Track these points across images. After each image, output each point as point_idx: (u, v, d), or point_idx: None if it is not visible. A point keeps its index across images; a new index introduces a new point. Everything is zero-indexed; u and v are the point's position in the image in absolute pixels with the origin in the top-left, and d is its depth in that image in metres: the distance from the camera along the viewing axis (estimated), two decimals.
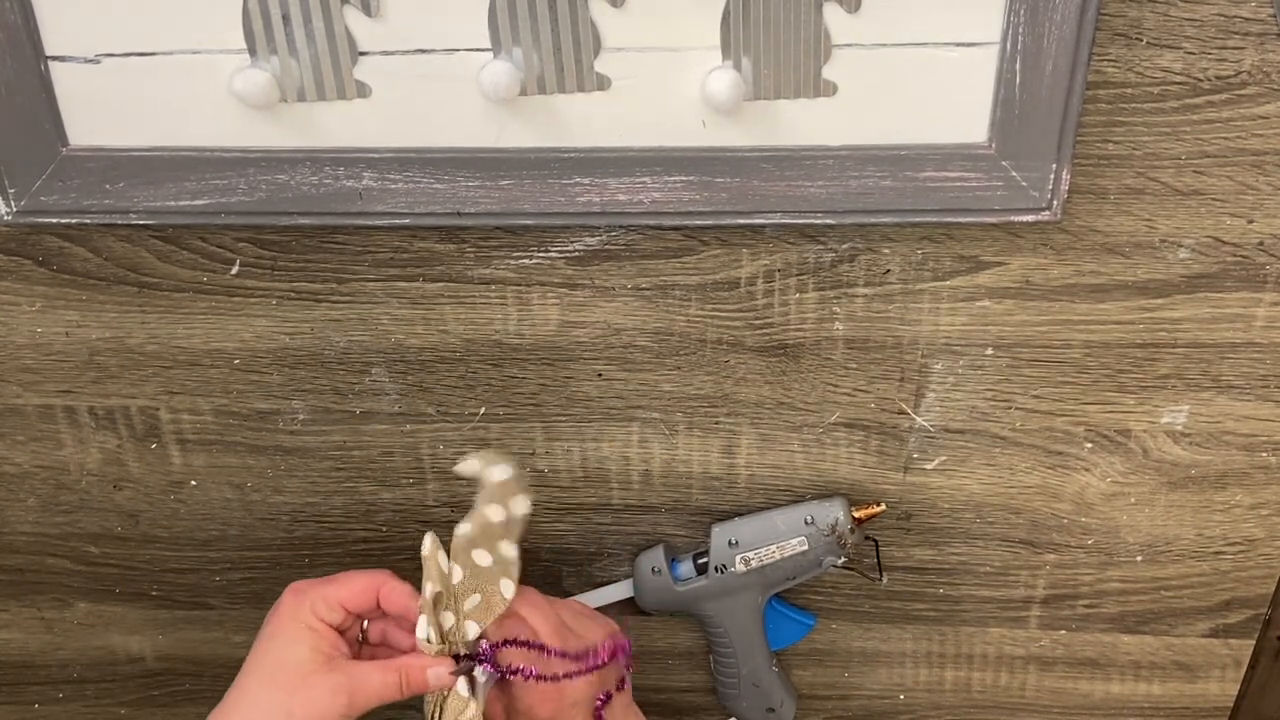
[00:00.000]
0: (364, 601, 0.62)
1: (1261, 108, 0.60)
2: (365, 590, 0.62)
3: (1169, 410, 0.70)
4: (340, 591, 0.61)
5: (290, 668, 0.59)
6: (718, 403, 0.72)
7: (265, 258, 0.68)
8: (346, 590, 0.61)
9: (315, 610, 0.61)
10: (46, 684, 0.87)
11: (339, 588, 0.61)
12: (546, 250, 0.67)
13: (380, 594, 0.62)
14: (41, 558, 0.81)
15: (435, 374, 0.72)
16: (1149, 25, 0.58)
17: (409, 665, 0.60)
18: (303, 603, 0.61)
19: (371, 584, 0.62)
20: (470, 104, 0.60)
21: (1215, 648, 0.79)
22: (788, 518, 0.72)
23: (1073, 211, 0.64)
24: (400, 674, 0.60)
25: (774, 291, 0.68)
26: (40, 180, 0.63)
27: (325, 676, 0.59)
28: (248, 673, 0.60)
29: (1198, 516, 0.74)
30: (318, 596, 0.61)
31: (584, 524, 0.77)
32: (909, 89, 0.59)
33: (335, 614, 0.61)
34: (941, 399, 0.71)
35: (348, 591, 0.61)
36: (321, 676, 0.59)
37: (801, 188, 0.62)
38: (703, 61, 0.59)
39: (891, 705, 0.84)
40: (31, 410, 0.74)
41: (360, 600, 0.62)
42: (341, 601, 0.61)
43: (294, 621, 0.60)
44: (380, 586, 0.62)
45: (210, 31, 0.59)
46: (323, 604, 0.61)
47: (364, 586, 0.62)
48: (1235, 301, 0.66)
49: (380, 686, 0.60)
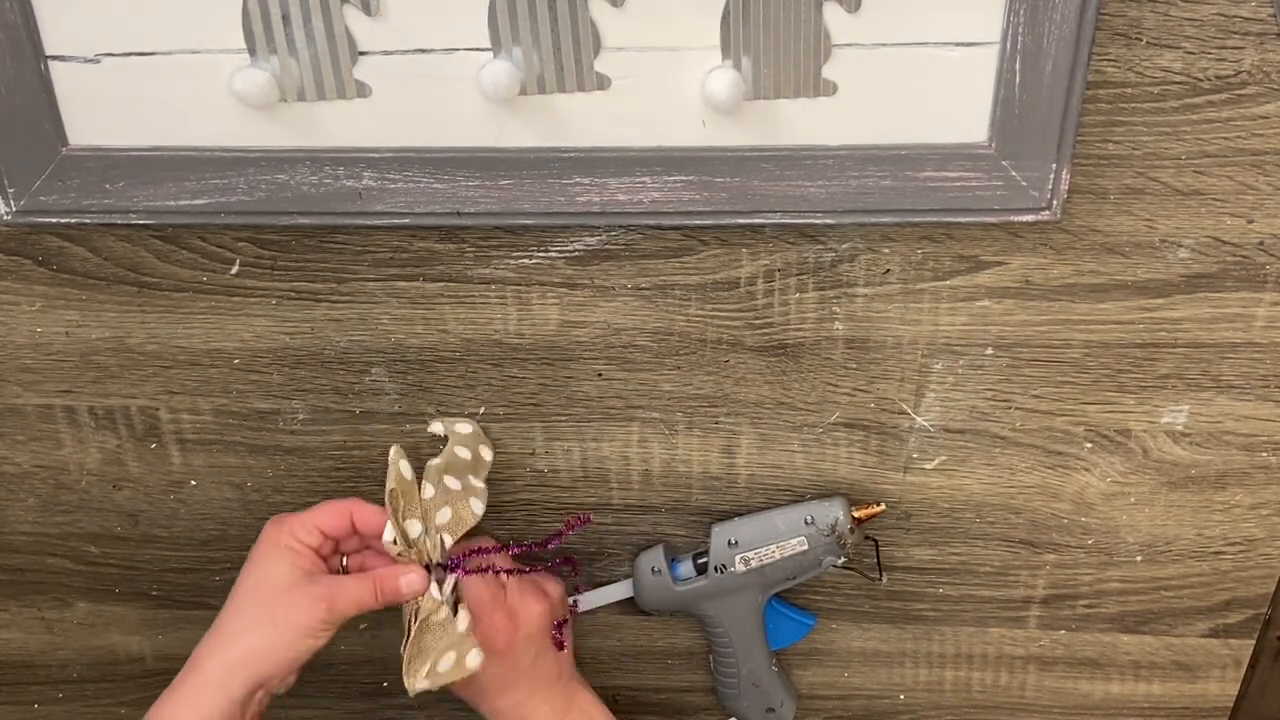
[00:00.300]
0: (339, 524, 0.66)
1: (1261, 108, 0.60)
2: (340, 513, 0.66)
3: (1169, 410, 0.70)
4: (315, 516, 0.65)
5: (271, 582, 0.63)
6: (718, 403, 0.72)
7: (265, 258, 0.68)
8: (321, 514, 0.65)
9: (294, 534, 0.64)
10: (46, 684, 0.87)
11: (314, 513, 0.66)
12: (546, 250, 0.67)
13: (354, 516, 0.66)
14: (41, 558, 0.81)
15: (435, 374, 0.72)
16: (1149, 25, 0.58)
17: (382, 574, 0.65)
18: (281, 528, 0.65)
19: (345, 507, 0.66)
20: (470, 104, 0.60)
21: (1215, 648, 0.79)
22: (788, 518, 0.72)
23: (1073, 211, 0.64)
24: (375, 582, 0.64)
25: (774, 291, 0.68)
26: (40, 180, 0.63)
27: (305, 588, 0.63)
28: (234, 594, 0.64)
29: (1198, 516, 0.74)
30: (295, 522, 0.65)
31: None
32: (909, 89, 0.59)
33: (313, 536, 0.65)
34: (941, 399, 0.71)
35: (322, 515, 0.65)
36: (301, 588, 0.63)
37: (801, 188, 0.62)
38: (703, 61, 0.59)
39: (891, 705, 0.84)
40: (31, 410, 0.74)
41: (335, 522, 0.66)
42: (318, 525, 0.65)
43: (274, 545, 0.64)
44: (353, 509, 0.66)
45: (210, 31, 0.59)
46: (300, 528, 0.65)
47: (338, 510, 0.66)
48: (1235, 301, 0.66)
49: (356, 594, 0.64)
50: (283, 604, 0.62)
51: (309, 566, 0.64)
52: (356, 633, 0.82)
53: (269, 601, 0.62)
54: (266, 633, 0.62)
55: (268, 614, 0.62)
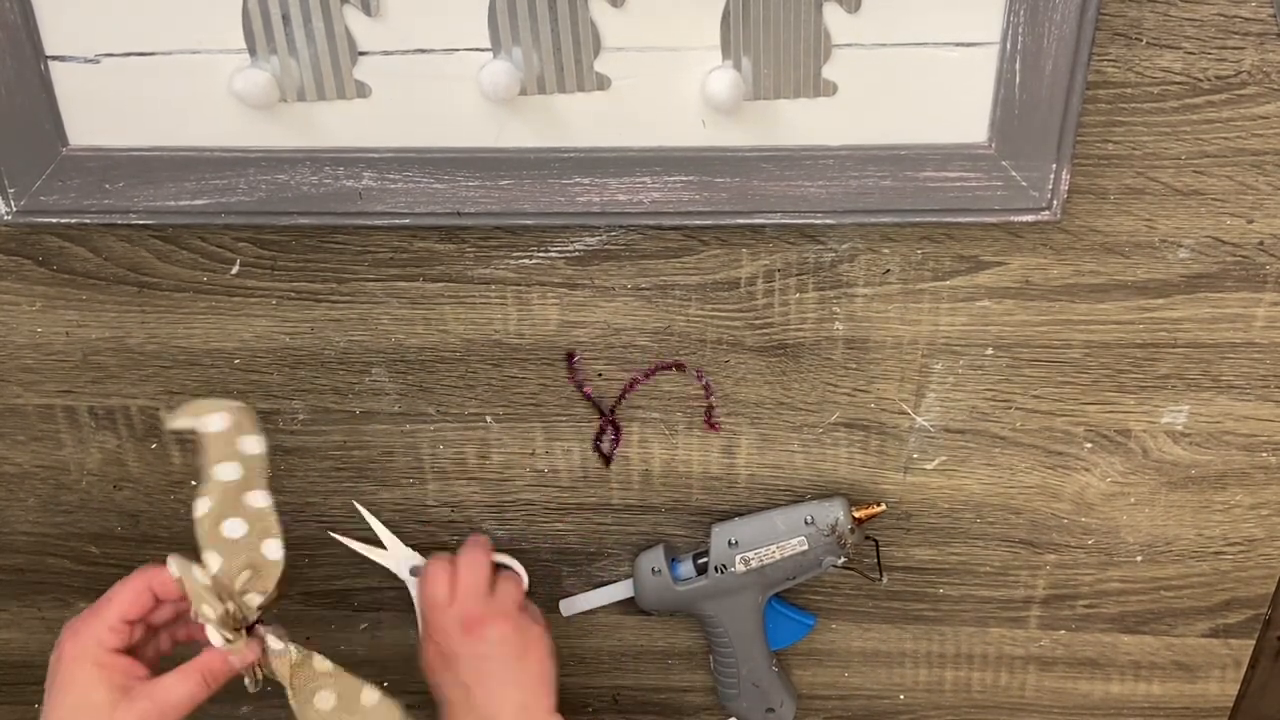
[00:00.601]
0: (141, 605, 0.60)
1: (1261, 108, 0.60)
2: (137, 593, 0.60)
3: (1169, 410, 0.70)
4: (114, 608, 0.59)
5: (90, 711, 0.57)
6: (718, 402, 0.72)
7: (265, 258, 0.68)
8: (119, 602, 0.60)
9: (101, 643, 0.59)
10: None
11: (112, 607, 0.60)
12: (546, 250, 0.67)
13: (153, 588, 0.61)
14: (41, 558, 0.81)
15: (435, 374, 0.72)
16: (1149, 25, 0.58)
17: (207, 663, 0.60)
18: (84, 641, 0.59)
19: (141, 584, 0.61)
20: (470, 104, 0.60)
21: (1215, 648, 0.79)
22: (788, 518, 0.72)
23: (1073, 211, 0.64)
24: (202, 673, 0.59)
25: (774, 291, 0.68)
26: (40, 180, 0.63)
27: (129, 709, 0.57)
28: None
29: (1198, 516, 0.74)
30: (98, 627, 0.59)
31: (584, 524, 0.77)
32: (909, 89, 0.59)
33: (119, 636, 0.59)
34: (941, 399, 0.71)
35: (121, 602, 0.60)
36: (125, 710, 0.57)
37: (801, 188, 0.62)
38: (703, 61, 0.59)
39: (891, 705, 0.84)
40: (31, 410, 0.74)
41: (137, 607, 0.60)
42: (120, 616, 0.59)
43: (81, 664, 0.58)
44: (150, 582, 0.61)
45: (210, 31, 0.59)
46: (106, 632, 0.59)
47: (134, 590, 0.60)
48: (1235, 301, 0.66)
49: (187, 694, 0.59)
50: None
51: (124, 681, 0.58)
52: (357, 633, 0.82)
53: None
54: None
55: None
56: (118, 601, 0.60)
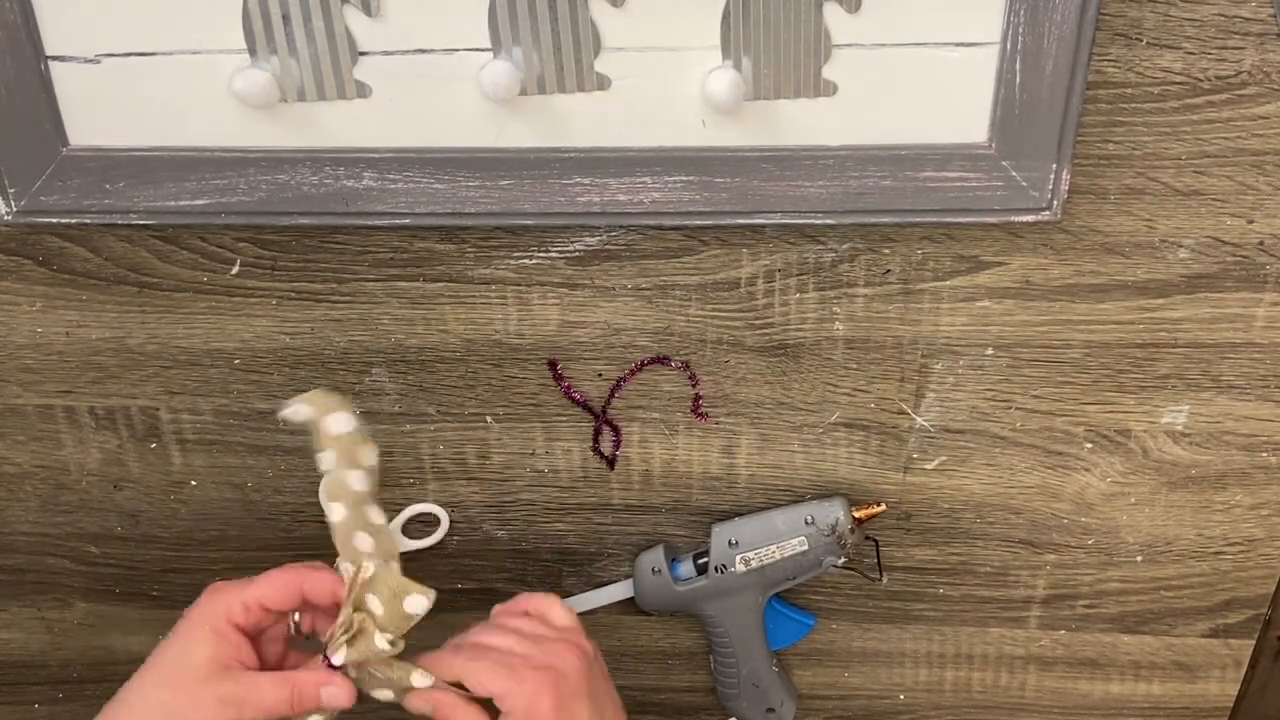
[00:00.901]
0: (286, 599, 0.60)
1: (1261, 108, 0.60)
2: (287, 587, 0.59)
3: (1169, 410, 0.70)
4: (260, 590, 0.59)
5: (185, 670, 0.57)
6: (718, 403, 0.72)
7: (265, 258, 0.68)
8: (266, 589, 0.59)
9: (230, 614, 0.59)
10: (46, 684, 0.87)
11: (258, 588, 0.59)
12: (546, 250, 0.67)
13: (305, 589, 0.60)
14: (41, 558, 0.81)
15: (435, 374, 0.72)
16: (1149, 25, 0.58)
17: (302, 681, 0.59)
18: (217, 605, 0.59)
19: (294, 580, 0.60)
20: (470, 104, 0.60)
21: (1215, 648, 0.79)
22: (788, 518, 0.72)
23: (1073, 211, 0.64)
24: (293, 690, 0.58)
25: (774, 291, 0.68)
26: (40, 180, 0.63)
27: (218, 684, 0.57)
28: (147, 667, 0.59)
29: (1198, 516, 0.74)
30: (235, 599, 0.59)
31: (584, 524, 0.77)
32: (909, 89, 0.59)
33: (251, 616, 0.59)
34: (941, 399, 0.71)
35: (269, 589, 0.59)
36: (214, 684, 0.57)
37: (801, 188, 0.62)
38: (703, 61, 0.59)
39: (891, 705, 0.84)
40: (31, 410, 0.74)
41: (282, 598, 0.60)
42: (260, 601, 0.59)
43: (201, 624, 0.58)
44: (303, 582, 0.60)
45: (210, 31, 0.59)
46: (239, 607, 0.59)
47: (285, 583, 0.59)
48: (1235, 301, 0.66)
49: (273, 702, 0.58)
50: (185, 699, 0.57)
51: (228, 659, 0.58)
52: None
53: (176, 691, 0.57)
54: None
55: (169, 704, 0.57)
56: (265, 586, 0.59)
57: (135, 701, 0.57)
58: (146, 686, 0.58)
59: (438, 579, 0.79)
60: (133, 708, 0.57)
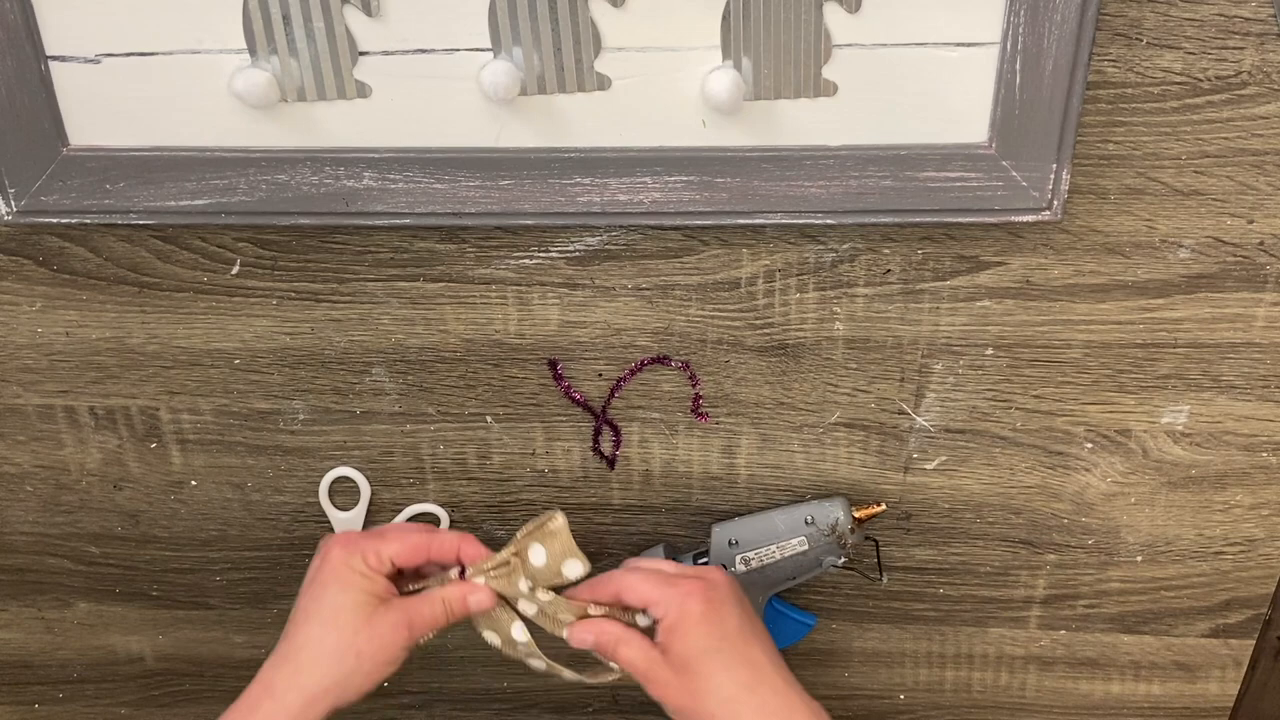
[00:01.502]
0: (414, 557, 0.64)
1: (1261, 108, 0.60)
2: (417, 548, 0.64)
3: (1169, 410, 0.70)
4: (390, 546, 0.63)
5: (350, 610, 0.61)
6: (718, 403, 0.72)
7: (265, 258, 0.68)
8: (397, 545, 0.63)
9: (366, 560, 0.62)
10: (46, 684, 0.87)
11: (389, 544, 0.63)
12: (547, 250, 0.67)
13: (432, 551, 0.64)
14: (41, 558, 0.81)
15: (435, 374, 0.72)
16: (1149, 25, 0.58)
17: (451, 594, 0.63)
18: (353, 553, 0.63)
19: (423, 542, 0.64)
20: (470, 104, 0.60)
21: (1215, 648, 0.79)
22: (788, 518, 0.72)
23: (1073, 211, 0.64)
24: (444, 603, 0.63)
25: (774, 291, 0.68)
26: (40, 180, 0.63)
27: (385, 615, 0.61)
28: (306, 616, 0.62)
29: (1198, 516, 0.74)
30: (369, 549, 0.63)
31: (584, 524, 0.77)
32: (909, 89, 0.59)
33: (384, 566, 0.63)
34: (941, 399, 0.71)
35: (398, 546, 0.63)
36: (382, 615, 0.61)
37: (801, 188, 0.62)
38: (703, 61, 0.59)
39: (891, 705, 0.84)
40: (31, 410, 0.74)
41: (410, 556, 0.64)
42: (393, 556, 0.63)
43: (346, 569, 0.62)
44: (431, 544, 0.64)
45: (210, 31, 0.59)
46: (374, 556, 0.63)
47: (416, 543, 0.64)
48: (1235, 301, 0.66)
49: (431, 616, 0.62)
50: (365, 634, 0.61)
51: (383, 593, 0.62)
52: None
53: (350, 631, 0.61)
54: (349, 664, 0.60)
55: (350, 644, 0.61)
56: (397, 542, 0.63)
57: (310, 647, 0.61)
58: (317, 635, 0.61)
59: None
60: (312, 654, 0.61)
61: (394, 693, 0.85)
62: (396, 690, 0.85)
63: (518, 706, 0.87)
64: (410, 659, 0.63)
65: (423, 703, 0.86)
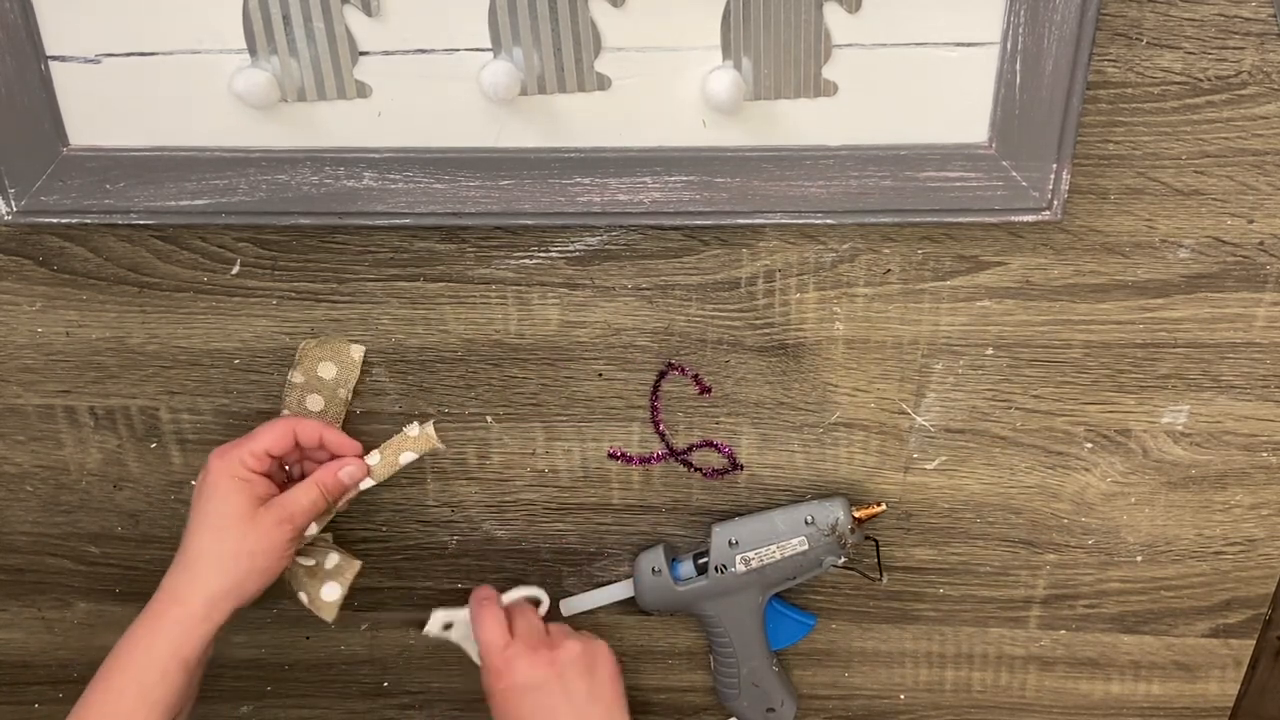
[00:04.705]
0: (284, 444, 0.68)
1: (1261, 108, 0.60)
2: (282, 435, 0.68)
3: (1169, 410, 0.70)
4: (261, 442, 0.67)
5: (234, 515, 0.66)
6: (718, 402, 0.72)
7: (265, 258, 0.68)
8: (266, 439, 0.68)
9: (244, 463, 0.67)
10: (46, 684, 0.87)
11: (259, 439, 0.68)
12: (547, 250, 0.67)
13: (296, 433, 0.69)
14: (41, 558, 0.81)
15: (435, 374, 0.72)
16: (1149, 25, 0.58)
17: (323, 475, 0.69)
18: (231, 461, 0.67)
19: (287, 427, 0.69)
20: (470, 104, 0.60)
21: (1215, 648, 0.79)
22: (788, 518, 0.72)
23: (1073, 211, 0.64)
24: (318, 486, 0.68)
25: (774, 291, 0.68)
26: (40, 180, 0.63)
27: (265, 514, 0.66)
28: (197, 529, 0.67)
29: (1198, 516, 0.74)
30: (244, 452, 0.67)
31: (584, 524, 0.77)
32: (909, 89, 0.59)
33: (260, 463, 0.67)
34: (941, 399, 0.71)
35: (267, 440, 0.68)
36: (262, 515, 0.66)
37: (801, 188, 0.62)
38: (703, 61, 0.59)
39: (891, 705, 0.84)
40: (31, 410, 0.74)
41: (280, 444, 0.68)
42: (265, 449, 0.67)
43: (227, 477, 0.67)
44: (295, 428, 0.69)
45: (210, 31, 0.59)
46: (250, 457, 0.67)
47: (281, 432, 0.68)
48: (1235, 301, 0.66)
49: (309, 503, 0.68)
50: (252, 535, 0.66)
51: (263, 493, 0.67)
52: (357, 633, 0.82)
53: (238, 534, 0.66)
54: (244, 565, 0.66)
55: (242, 547, 0.66)
56: (263, 436, 0.68)
57: (206, 555, 0.66)
58: (210, 541, 0.66)
59: (438, 579, 0.79)
60: (209, 561, 0.66)
61: (394, 693, 0.85)
62: (396, 690, 0.85)
63: None
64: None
65: (422, 703, 0.86)
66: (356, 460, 0.70)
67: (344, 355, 0.71)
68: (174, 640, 0.64)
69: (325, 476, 0.69)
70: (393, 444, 0.71)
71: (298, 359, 0.71)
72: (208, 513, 0.66)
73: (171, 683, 0.64)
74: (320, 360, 0.71)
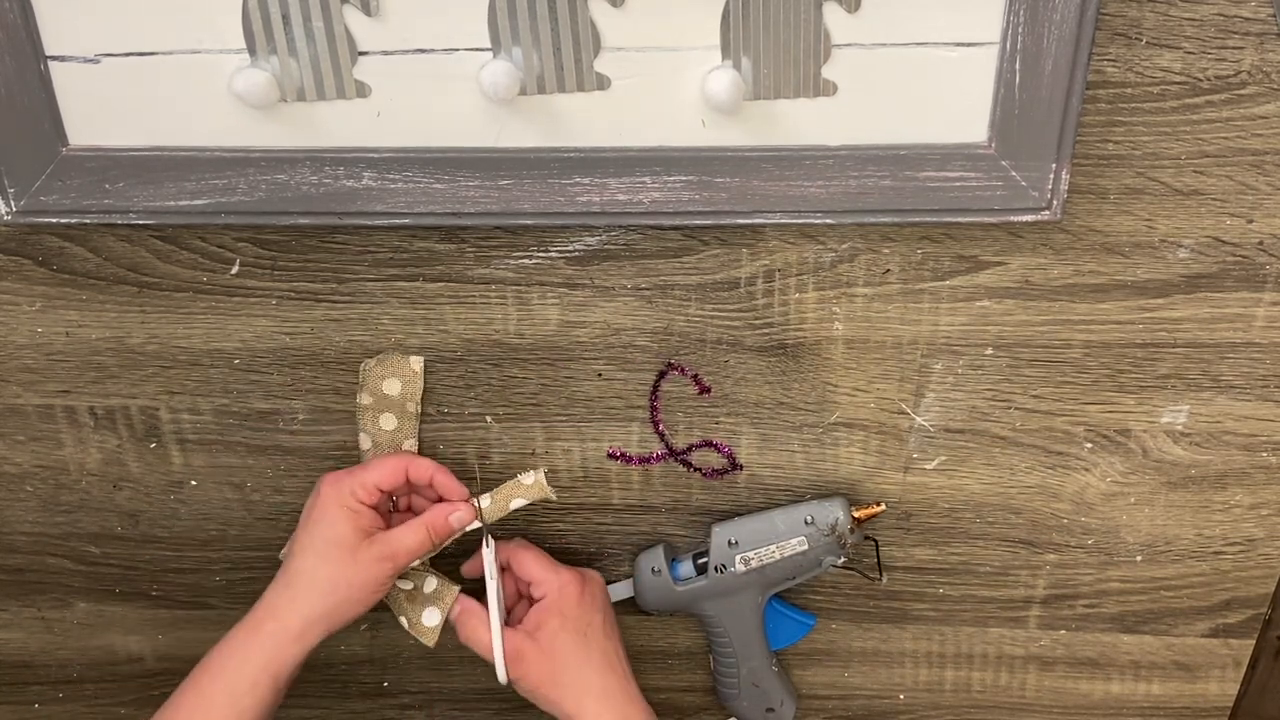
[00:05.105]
0: (395, 480, 0.69)
1: (1261, 108, 0.60)
2: (395, 470, 0.69)
3: (1169, 410, 0.70)
4: (372, 475, 0.68)
5: (338, 543, 0.67)
6: (718, 402, 0.72)
7: (265, 258, 0.68)
8: (378, 473, 0.69)
9: (354, 494, 0.68)
10: (46, 684, 0.87)
11: (371, 473, 0.69)
12: (546, 250, 0.67)
13: (408, 470, 0.70)
14: (41, 558, 0.81)
15: (435, 374, 0.72)
16: (1149, 25, 0.58)
17: (432, 519, 0.69)
18: (341, 489, 0.68)
19: (400, 463, 0.70)
20: (470, 104, 0.60)
21: (1215, 648, 0.79)
22: (788, 518, 0.72)
23: (1073, 211, 0.64)
24: (426, 527, 0.69)
25: (774, 291, 0.68)
26: (40, 180, 0.63)
27: (370, 548, 0.67)
28: (301, 551, 0.68)
29: (1198, 516, 0.74)
30: (355, 483, 0.68)
31: (584, 524, 0.77)
32: (909, 89, 0.59)
33: (371, 496, 0.68)
34: (941, 399, 0.71)
35: (379, 473, 0.69)
36: (366, 548, 0.67)
37: (801, 188, 0.62)
38: (703, 61, 0.59)
39: (891, 705, 0.84)
40: (31, 410, 0.74)
41: (391, 480, 0.69)
42: (377, 483, 0.68)
43: (336, 505, 0.68)
44: (408, 465, 0.70)
45: (210, 31, 0.59)
46: (360, 489, 0.68)
47: (394, 468, 0.69)
48: (1235, 301, 0.66)
49: (414, 544, 0.69)
50: (352, 566, 0.67)
51: (369, 526, 0.68)
52: (357, 633, 0.82)
53: (340, 563, 0.67)
54: (341, 594, 0.67)
55: (342, 575, 0.67)
56: (376, 470, 0.69)
57: (306, 577, 0.67)
58: (311, 567, 0.67)
59: None
60: (308, 583, 0.67)
61: (394, 692, 0.85)
62: (396, 690, 0.85)
63: (518, 706, 0.87)
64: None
65: (423, 703, 0.86)
66: (466, 505, 0.70)
67: (405, 369, 0.71)
68: (267, 653, 0.65)
69: (435, 520, 0.69)
70: (505, 490, 0.72)
71: (361, 381, 0.71)
72: (313, 536, 0.68)
73: (260, 695, 0.65)
74: (383, 379, 0.71)
